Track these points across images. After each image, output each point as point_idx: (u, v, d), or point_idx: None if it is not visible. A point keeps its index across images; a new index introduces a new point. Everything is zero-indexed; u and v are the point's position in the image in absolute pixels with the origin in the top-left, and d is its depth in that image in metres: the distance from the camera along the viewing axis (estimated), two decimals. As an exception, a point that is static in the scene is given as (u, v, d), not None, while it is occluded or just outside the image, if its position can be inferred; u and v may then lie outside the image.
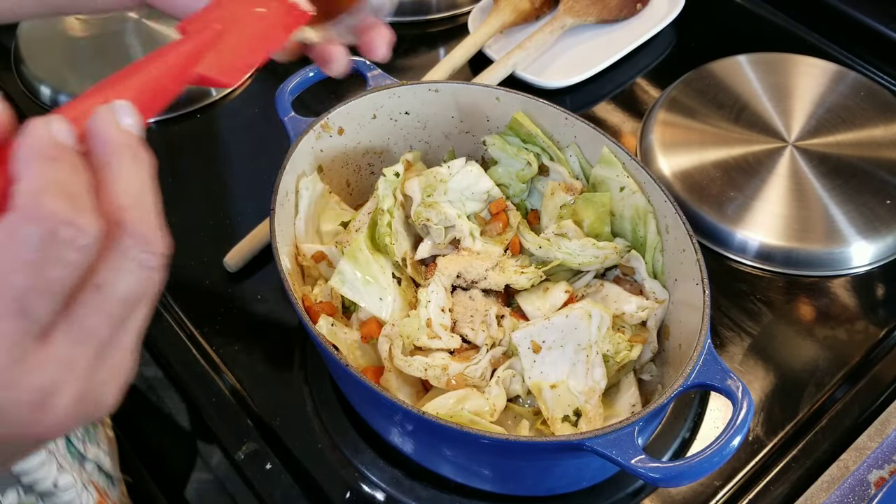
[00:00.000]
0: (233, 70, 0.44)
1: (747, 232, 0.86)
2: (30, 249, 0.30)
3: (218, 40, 0.44)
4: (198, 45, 0.43)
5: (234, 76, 0.44)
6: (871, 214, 0.87)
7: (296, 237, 0.75)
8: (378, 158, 0.84)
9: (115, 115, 0.36)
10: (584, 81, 1.02)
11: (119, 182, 0.34)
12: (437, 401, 0.67)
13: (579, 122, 0.78)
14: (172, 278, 0.86)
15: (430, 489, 0.70)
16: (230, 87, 0.44)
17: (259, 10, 0.48)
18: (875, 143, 0.95)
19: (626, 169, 0.75)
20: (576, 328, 0.69)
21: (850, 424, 0.74)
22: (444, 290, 0.74)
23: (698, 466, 0.56)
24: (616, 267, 0.77)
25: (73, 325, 0.32)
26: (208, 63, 0.43)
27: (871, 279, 0.85)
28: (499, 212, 0.80)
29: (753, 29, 1.13)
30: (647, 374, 0.72)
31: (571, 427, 0.67)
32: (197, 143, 1.00)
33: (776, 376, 0.78)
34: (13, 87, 1.04)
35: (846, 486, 0.68)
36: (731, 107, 0.98)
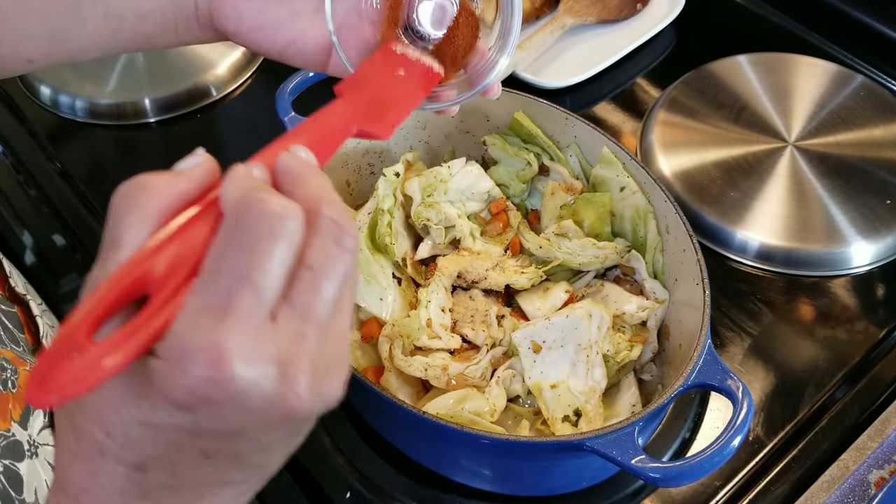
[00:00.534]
0: (386, 125, 0.50)
1: (747, 232, 0.86)
2: (251, 235, 0.33)
3: (371, 102, 0.50)
4: (356, 104, 0.49)
5: (388, 130, 0.50)
6: (871, 214, 0.87)
7: (296, 237, 0.75)
8: (378, 158, 0.84)
9: (295, 152, 0.41)
10: (584, 81, 1.02)
11: (308, 186, 0.37)
12: (438, 401, 0.67)
13: (579, 122, 0.78)
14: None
15: (430, 489, 0.70)
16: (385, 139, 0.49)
17: (400, 73, 0.55)
18: (875, 143, 0.95)
19: (626, 169, 0.75)
20: (576, 328, 0.69)
21: (850, 424, 0.74)
22: (444, 290, 0.74)
23: (698, 466, 0.56)
24: (616, 267, 0.77)
25: (296, 305, 0.34)
26: (366, 119, 0.49)
27: (872, 279, 0.85)
28: (499, 212, 0.80)
29: (753, 29, 1.13)
30: (648, 374, 0.72)
31: (571, 427, 0.67)
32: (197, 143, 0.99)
33: (776, 376, 0.78)
34: (13, 87, 1.04)
35: (846, 486, 0.68)
36: (731, 107, 0.98)
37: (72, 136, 0.99)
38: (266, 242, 0.33)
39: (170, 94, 1.01)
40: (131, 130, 1.00)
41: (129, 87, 1.01)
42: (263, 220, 0.33)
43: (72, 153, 0.97)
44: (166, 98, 1.00)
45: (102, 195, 0.92)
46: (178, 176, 0.37)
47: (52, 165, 0.95)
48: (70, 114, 1.00)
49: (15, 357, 0.60)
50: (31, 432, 0.59)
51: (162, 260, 0.34)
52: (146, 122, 1.00)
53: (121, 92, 1.00)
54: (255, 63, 1.06)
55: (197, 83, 1.02)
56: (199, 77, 1.02)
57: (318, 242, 0.35)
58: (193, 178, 0.38)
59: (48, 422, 0.61)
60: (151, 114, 1.00)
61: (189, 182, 0.37)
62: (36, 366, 0.32)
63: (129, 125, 1.00)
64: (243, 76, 1.05)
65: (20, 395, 0.59)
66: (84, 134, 1.00)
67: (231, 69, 1.04)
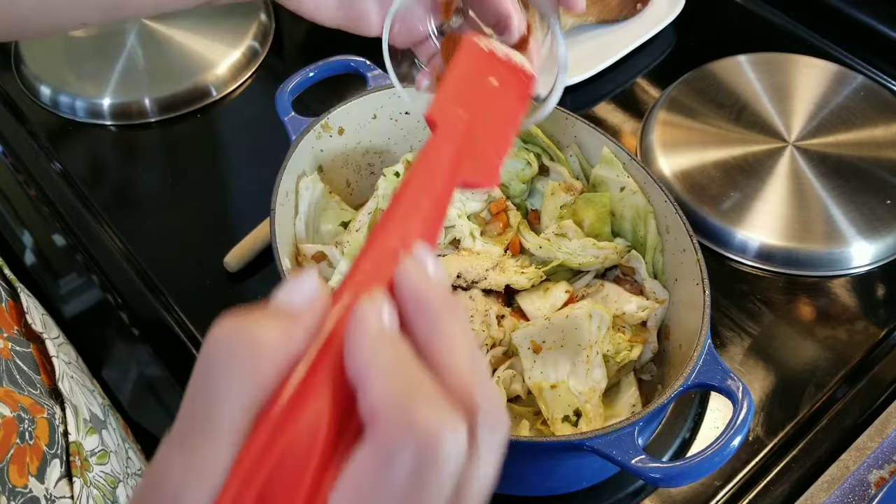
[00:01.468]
0: (492, 170, 0.42)
1: (747, 232, 0.86)
2: (408, 477, 0.25)
3: (470, 135, 0.41)
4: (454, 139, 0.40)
5: (495, 177, 0.42)
6: (871, 214, 0.87)
7: (296, 237, 0.75)
8: (378, 158, 0.84)
9: (422, 267, 0.31)
10: (584, 81, 1.02)
11: (453, 354, 0.29)
12: (438, 401, 0.66)
13: (579, 122, 0.78)
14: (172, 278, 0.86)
15: (431, 489, 0.70)
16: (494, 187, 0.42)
17: (492, 83, 0.45)
18: (875, 143, 0.95)
19: (626, 169, 0.75)
20: (576, 328, 0.69)
21: (850, 424, 0.74)
22: (444, 290, 0.74)
23: (699, 466, 0.56)
24: (616, 267, 0.77)
25: None
26: (471, 168, 0.40)
27: (872, 279, 0.85)
28: (499, 212, 0.80)
29: (753, 29, 1.13)
30: (648, 374, 0.72)
31: (571, 427, 0.67)
32: (197, 143, 1.00)
33: (776, 376, 0.78)
34: (13, 87, 1.04)
35: (846, 486, 0.68)
36: (731, 107, 0.98)
37: (72, 136, 0.99)
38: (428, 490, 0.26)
39: (170, 94, 1.01)
40: (131, 130, 1.00)
41: (129, 87, 1.01)
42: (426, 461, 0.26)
43: (72, 153, 0.97)
44: (166, 98, 1.00)
45: (102, 195, 0.92)
46: (293, 327, 0.29)
47: (52, 165, 0.95)
48: (70, 114, 1.00)
49: (32, 404, 0.58)
50: (47, 485, 0.57)
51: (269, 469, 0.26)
52: (146, 122, 1.00)
53: (121, 92, 1.01)
54: (255, 63, 1.06)
55: (197, 83, 1.02)
56: (199, 77, 1.02)
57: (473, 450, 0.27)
58: (310, 327, 0.29)
59: (65, 471, 0.59)
60: (151, 114, 1.00)
61: (305, 334, 0.29)
62: None
63: (129, 125, 1.00)
64: (243, 76, 1.05)
65: (38, 447, 0.57)
66: (84, 134, 1.00)
67: (231, 69, 1.04)
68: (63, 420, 0.59)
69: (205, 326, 0.80)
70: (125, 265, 0.85)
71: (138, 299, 0.82)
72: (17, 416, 0.55)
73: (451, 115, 0.41)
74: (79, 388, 0.64)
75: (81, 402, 0.63)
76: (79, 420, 0.60)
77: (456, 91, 0.43)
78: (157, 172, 0.97)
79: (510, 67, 0.47)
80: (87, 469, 0.60)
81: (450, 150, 0.39)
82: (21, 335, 0.63)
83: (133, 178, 0.97)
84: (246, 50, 1.06)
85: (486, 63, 0.46)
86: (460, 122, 0.41)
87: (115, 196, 0.93)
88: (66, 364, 0.66)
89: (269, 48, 1.08)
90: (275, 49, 1.09)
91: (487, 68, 0.46)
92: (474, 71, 0.46)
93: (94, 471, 0.60)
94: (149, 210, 0.92)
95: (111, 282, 0.83)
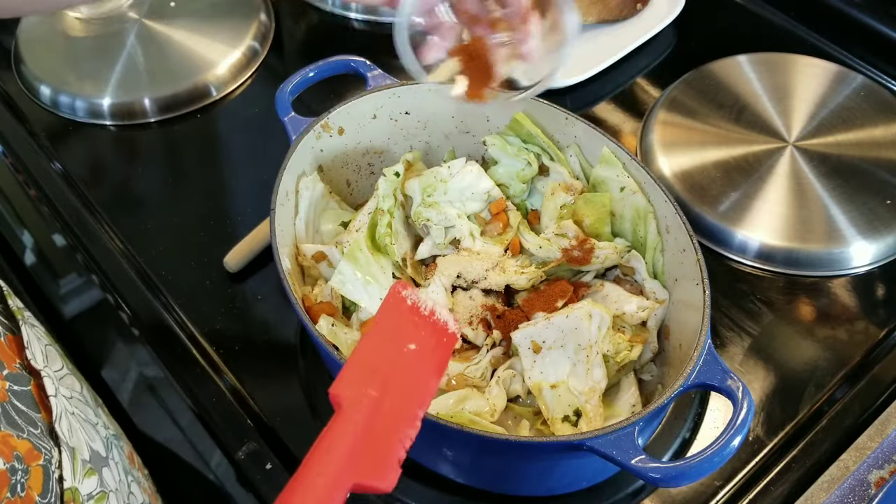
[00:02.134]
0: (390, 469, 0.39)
1: (747, 232, 0.86)
2: None
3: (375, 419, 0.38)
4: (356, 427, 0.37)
5: (392, 477, 0.39)
6: (871, 214, 0.87)
7: (296, 237, 0.75)
8: (378, 158, 0.84)
9: None
10: (584, 81, 1.02)
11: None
12: (438, 401, 0.66)
13: (579, 122, 0.78)
14: (172, 278, 0.86)
15: (431, 489, 0.70)
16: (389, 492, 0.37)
17: (410, 347, 0.43)
18: (875, 143, 0.95)
19: (626, 169, 0.75)
20: (576, 328, 0.69)
21: (850, 424, 0.74)
22: (444, 290, 0.74)
23: (699, 466, 0.56)
24: (616, 267, 0.77)
25: None
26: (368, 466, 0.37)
27: (871, 279, 0.85)
28: (499, 212, 0.80)
29: (753, 29, 1.13)
30: (648, 374, 0.72)
31: (571, 427, 0.67)
32: (197, 143, 1.00)
33: (776, 376, 0.78)
34: (13, 87, 1.04)
35: (846, 486, 0.68)
36: (731, 107, 0.98)
37: (72, 136, 0.99)
38: None
39: (170, 94, 1.01)
40: (131, 130, 1.00)
41: (129, 87, 1.01)
42: None
43: (72, 153, 0.97)
44: (166, 98, 1.00)
45: (102, 195, 0.92)
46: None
47: (52, 165, 0.95)
48: (70, 114, 1.00)
49: (30, 449, 0.57)
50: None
51: None
52: (146, 122, 1.00)
53: (121, 92, 1.01)
54: (256, 63, 1.06)
55: (197, 83, 1.02)
56: (199, 77, 1.02)
57: None
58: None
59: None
60: (151, 114, 1.00)
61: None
62: None
63: (129, 125, 1.00)
64: (243, 76, 1.05)
65: (30, 498, 0.55)
66: (84, 134, 1.00)
67: (231, 69, 1.04)
68: (59, 464, 0.58)
69: (205, 326, 0.81)
70: (125, 265, 0.85)
71: (138, 299, 0.82)
72: (11, 466, 0.54)
73: (358, 396, 0.38)
74: (80, 424, 0.63)
75: (82, 441, 0.61)
76: (76, 463, 0.59)
77: (368, 363, 0.41)
78: (157, 172, 0.97)
79: (433, 326, 0.45)
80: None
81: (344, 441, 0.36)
82: (23, 368, 0.62)
83: (133, 178, 0.97)
84: (246, 50, 1.06)
85: (407, 322, 0.44)
86: (366, 405, 0.38)
87: (115, 196, 0.93)
88: (68, 399, 0.64)
89: (269, 48, 1.08)
90: (275, 49, 1.09)
91: (408, 329, 0.44)
92: (393, 335, 0.43)
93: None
94: (149, 210, 0.92)
95: (111, 282, 0.83)
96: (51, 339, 0.67)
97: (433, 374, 0.44)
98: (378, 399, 0.39)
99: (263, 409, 0.75)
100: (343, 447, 0.37)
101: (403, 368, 0.43)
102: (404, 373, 0.43)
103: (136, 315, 0.81)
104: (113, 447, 0.66)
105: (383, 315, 0.45)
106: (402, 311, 0.45)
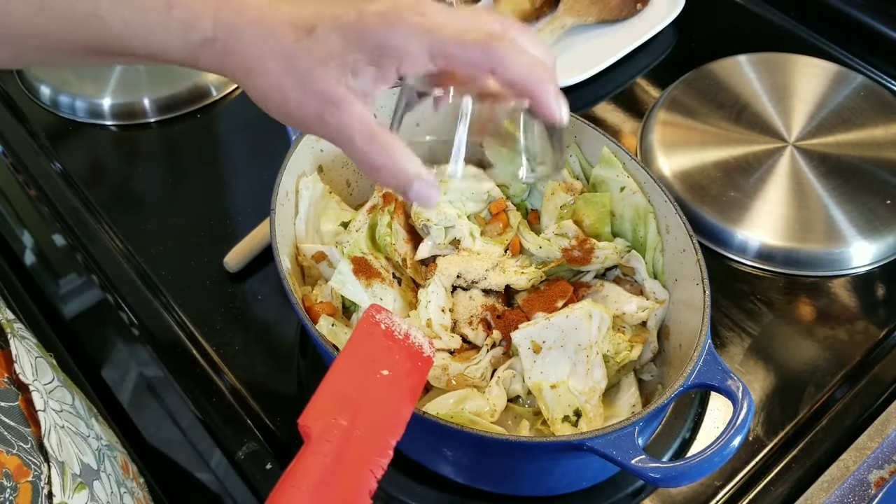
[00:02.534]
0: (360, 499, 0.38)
1: (747, 232, 0.86)
2: None
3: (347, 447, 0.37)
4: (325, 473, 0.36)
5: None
6: (871, 214, 0.87)
7: (296, 237, 0.75)
8: (378, 158, 0.83)
9: None
10: (584, 81, 1.02)
11: None
12: (438, 401, 0.67)
13: (579, 122, 0.78)
14: (172, 278, 0.86)
15: (431, 489, 0.70)
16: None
17: (383, 373, 0.42)
18: (875, 143, 0.95)
19: (626, 169, 0.75)
20: (576, 328, 0.69)
21: (850, 424, 0.74)
22: (444, 290, 0.74)
23: (699, 466, 0.56)
24: (616, 267, 0.77)
25: None
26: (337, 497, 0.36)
27: (871, 279, 0.85)
28: (499, 212, 0.80)
29: (753, 29, 1.13)
30: (648, 374, 0.72)
31: (571, 427, 0.67)
32: (197, 143, 1.00)
33: (776, 376, 0.78)
34: (13, 87, 1.04)
35: (846, 486, 0.68)
36: (731, 107, 0.98)
37: (72, 136, 0.99)
38: None
39: (170, 94, 1.01)
40: (131, 130, 1.00)
41: (129, 87, 1.01)
42: None
43: (72, 153, 0.97)
44: (166, 98, 1.00)
45: (102, 195, 0.92)
46: None
47: (52, 165, 0.95)
48: (70, 114, 1.00)
49: (19, 465, 0.56)
50: None
51: None
52: (146, 122, 1.00)
53: (121, 92, 1.01)
54: (255, 63, 1.06)
55: (197, 83, 1.02)
56: (199, 77, 1.02)
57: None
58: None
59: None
60: (151, 114, 1.00)
61: None
62: None
63: (129, 125, 1.00)
64: (243, 76, 1.05)
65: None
66: (84, 134, 1.00)
67: (231, 69, 1.04)
68: (49, 480, 0.58)
69: (205, 326, 0.81)
70: (125, 265, 0.85)
71: (138, 299, 0.82)
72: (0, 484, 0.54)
73: (328, 426, 0.37)
74: (70, 437, 0.62)
75: (72, 455, 0.60)
76: (65, 479, 0.58)
77: (339, 391, 0.40)
78: (157, 172, 0.97)
79: (407, 350, 0.44)
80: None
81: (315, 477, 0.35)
82: (11, 383, 0.62)
83: (133, 178, 0.97)
84: (246, 50, 1.06)
85: (381, 347, 0.43)
86: (337, 435, 0.37)
87: (115, 196, 0.93)
88: (58, 413, 0.62)
89: (269, 48, 1.08)
90: (275, 49, 1.09)
91: (381, 355, 0.43)
92: (365, 360, 0.42)
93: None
94: (149, 210, 0.92)
95: (111, 282, 0.83)
96: (42, 352, 0.66)
97: (406, 400, 0.43)
98: (348, 429, 0.39)
99: (263, 409, 0.75)
100: (310, 481, 0.36)
101: (376, 396, 0.42)
102: (376, 400, 0.42)
103: (136, 315, 0.81)
104: (105, 458, 0.66)
105: (355, 340, 0.44)
106: (376, 335, 0.44)
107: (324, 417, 0.39)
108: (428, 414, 0.60)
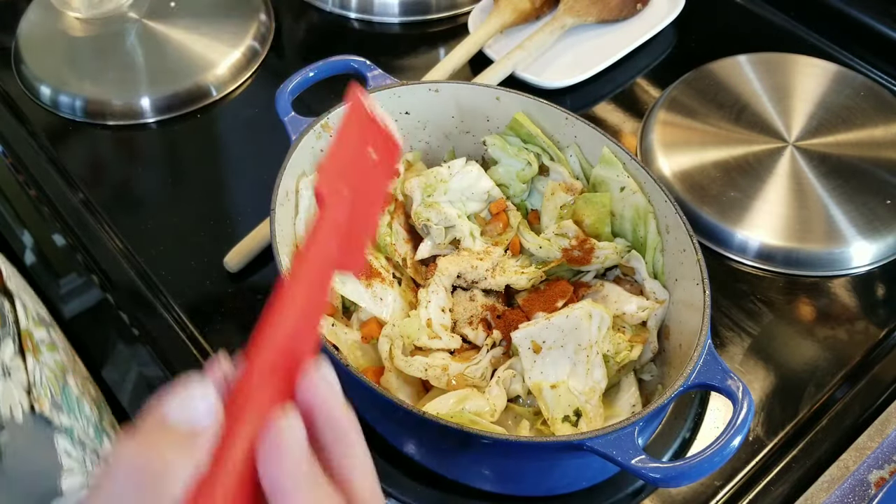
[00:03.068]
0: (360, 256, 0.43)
1: (747, 232, 0.86)
2: None
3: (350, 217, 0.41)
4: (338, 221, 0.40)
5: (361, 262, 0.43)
6: (871, 214, 0.87)
7: (296, 237, 0.75)
8: (378, 158, 0.84)
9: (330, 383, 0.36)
10: (584, 81, 1.02)
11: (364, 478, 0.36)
12: (438, 401, 0.67)
13: (579, 122, 0.78)
14: (172, 278, 0.86)
15: (430, 489, 0.70)
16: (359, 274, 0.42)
17: (371, 155, 0.45)
18: (875, 143, 0.95)
19: (626, 169, 0.75)
20: (576, 328, 0.69)
21: (850, 424, 0.74)
22: (444, 290, 0.74)
23: (699, 466, 0.56)
24: (616, 267, 0.77)
25: None
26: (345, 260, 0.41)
27: (872, 279, 0.85)
28: (499, 212, 0.80)
29: (753, 29, 1.13)
30: (648, 374, 0.72)
31: (571, 427, 0.67)
32: (197, 143, 1.00)
33: (776, 376, 0.78)
34: (13, 87, 1.04)
35: (846, 486, 0.68)
36: (731, 107, 0.98)
37: (72, 136, 0.99)
38: None
39: (170, 94, 1.01)
40: (131, 130, 1.00)
41: (129, 87, 1.01)
42: None
43: (72, 153, 0.97)
44: (166, 98, 1.00)
45: (102, 195, 0.92)
46: (192, 446, 0.33)
47: (52, 165, 0.95)
48: (70, 114, 1.00)
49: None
50: (2, 357, 0.60)
51: None
52: (146, 122, 1.00)
53: (121, 92, 1.00)
54: (256, 63, 1.06)
55: (197, 83, 1.02)
56: (199, 77, 1.02)
57: None
58: (209, 443, 0.33)
59: (18, 349, 0.61)
60: (151, 114, 1.00)
61: (205, 452, 0.33)
62: None
63: (129, 125, 1.00)
64: (243, 76, 1.05)
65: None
66: (84, 134, 1.00)
67: (231, 69, 1.04)
68: (13, 310, 0.61)
69: (205, 326, 0.81)
70: (125, 265, 0.85)
71: (138, 299, 0.82)
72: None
73: (337, 194, 0.41)
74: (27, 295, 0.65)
75: (29, 304, 0.64)
76: (28, 314, 0.62)
77: (342, 163, 0.43)
78: (157, 172, 0.97)
79: (384, 135, 0.47)
80: (38, 352, 0.61)
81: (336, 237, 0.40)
82: None
83: (133, 178, 0.97)
84: (246, 50, 1.06)
85: (368, 129, 0.46)
86: (344, 202, 0.41)
87: (115, 196, 0.93)
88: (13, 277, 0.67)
89: (269, 48, 1.08)
90: (275, 49, 1.09)
91: (369, 135, 0.46)
92: (358, 139, 0.45)
93: (44, 355, 0.62)
94: (149, 210, 0.92)
95: (111, 282, 0.83)
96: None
97: (386, 176, 0.47)
98: (350, 199, 0.42)
99: (263, 409, 0.75)
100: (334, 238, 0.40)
101: (366, 170, 0.45)
102: (367, 174, 0.45)
103: (136, 315, 0.81)
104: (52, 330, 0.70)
105: (349, 117, 0.46)
106: (365, 116, 0.46)
107: (334, 185, 0.42)
108: (428, 414, 0.60)
